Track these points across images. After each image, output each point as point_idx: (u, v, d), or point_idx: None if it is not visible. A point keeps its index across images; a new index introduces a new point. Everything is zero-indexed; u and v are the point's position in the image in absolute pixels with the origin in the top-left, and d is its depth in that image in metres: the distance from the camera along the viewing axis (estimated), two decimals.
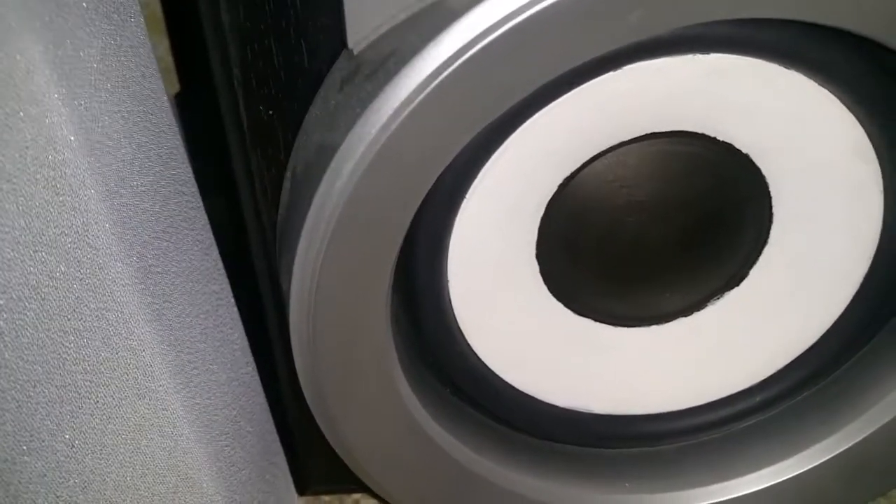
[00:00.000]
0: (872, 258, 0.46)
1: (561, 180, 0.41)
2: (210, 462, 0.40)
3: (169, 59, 0.62)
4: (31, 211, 0.31)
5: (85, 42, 0.32)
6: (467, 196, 0.41)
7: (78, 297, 0.34)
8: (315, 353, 0.42)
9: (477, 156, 0.40)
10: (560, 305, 0.45)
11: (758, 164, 0.42)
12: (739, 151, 0.42)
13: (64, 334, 0.34)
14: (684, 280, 0.46)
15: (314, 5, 0.38)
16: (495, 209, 0.42)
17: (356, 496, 0.57)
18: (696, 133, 0.41)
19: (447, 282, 0.43)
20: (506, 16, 0.34)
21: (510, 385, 0.48)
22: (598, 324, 0.46)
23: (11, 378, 0.34)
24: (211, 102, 0.40)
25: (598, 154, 0.41)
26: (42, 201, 0.31)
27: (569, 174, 0.41)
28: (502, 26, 0.34)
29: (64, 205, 0.32)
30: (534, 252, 0.43)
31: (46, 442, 0.35)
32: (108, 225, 0.33)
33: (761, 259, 0.45)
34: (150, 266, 0.35)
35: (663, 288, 0.46)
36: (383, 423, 0.45)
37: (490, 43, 0.34)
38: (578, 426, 0.50)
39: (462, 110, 0.36)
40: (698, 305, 0.47)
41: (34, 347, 0.34)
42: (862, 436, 0.49)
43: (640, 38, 0.36)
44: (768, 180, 0.43)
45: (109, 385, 0.36)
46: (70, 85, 0.31)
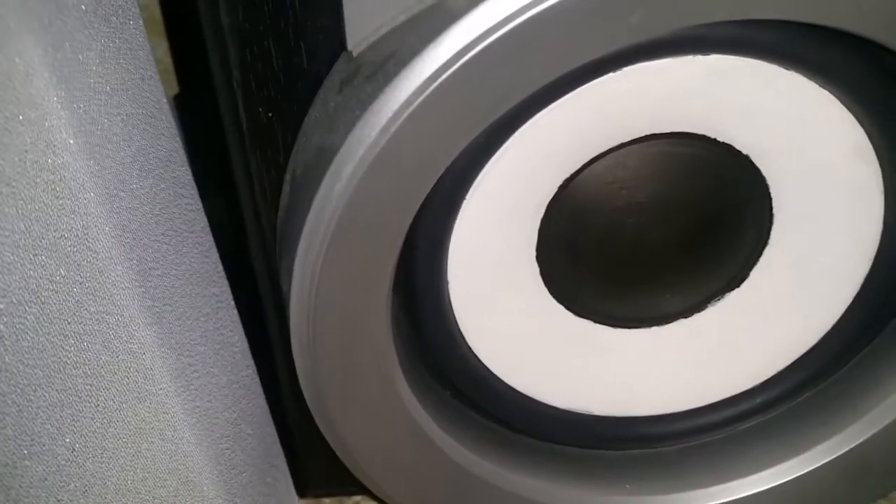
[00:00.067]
0: (873, 259, 0.46)
1: (561, 182, 0.41)
2: (211, 465, 0.40)
3: (168, 62, 0.62)
4: (31, 214, 0.31)
5: (84, 45, 0.32)
6: (467, 198, 0.41)
7: (78, 301, 0.33)
8: (315, 356, 0.42)
9: (477, 158, 0.40)
10: (560, 307, 0.45)
11: (758, 165, 0.42)
12: (740, 152, 0.42)
13: (64, 338, 0.34)
14: (684, 281, 0.46)
15: (313, 7, 0.37)
16: (495, 211, 0.41)
17: (356, 498, 0.56)
18: (697, 134, 0.41)
19: (447, 284, 0.43)
20: (506, 17, 0.34)
21: (510, 387, 0.48)
22: (599, 325, 0.46)
23: (12, 382, 0.34)
24: (210, 104, 0.40)
25: (598, 155, 0.41)
26: (42, 205, 0.31)
27: (569, 176, 0.41)
28: (502, 28, 0.34)
29: (63, 208, 0.32)
30: (534, 254, 0.43)
31: (47, 446, 0.35)
32: (108, 228, 0.33)
33: (762, 260, 0.45)
34: (150, 269, 0.35)
35: (663, 289, 0.46)
36: (383, 426, 0.45)
37: (490, 44, 0.34)
38: (579, 428, 0.50)
39: (462, 112, 0.36)
40: (699, 307, 0.47)
41: (34, 351, 0.34)
42: (863, 437, 0.48)
43: (641, 39, 0.36)
44: (769, 181, 0.43)
45: (110, 388, 0.36)
46: (69, 88, 0.31)
